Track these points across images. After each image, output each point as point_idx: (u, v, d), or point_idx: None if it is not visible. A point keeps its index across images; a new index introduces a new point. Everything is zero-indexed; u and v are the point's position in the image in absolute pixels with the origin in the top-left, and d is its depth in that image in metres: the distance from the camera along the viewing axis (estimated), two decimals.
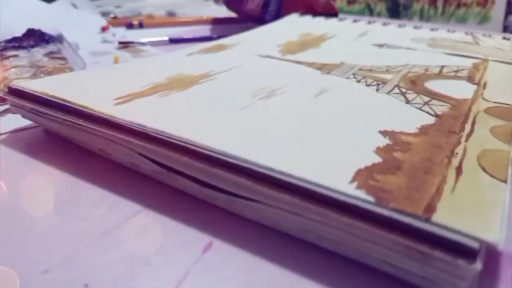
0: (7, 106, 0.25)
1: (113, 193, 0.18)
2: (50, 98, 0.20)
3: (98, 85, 0.23)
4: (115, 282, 0.13)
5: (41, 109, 0.21)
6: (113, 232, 0.16)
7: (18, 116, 0.23)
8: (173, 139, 0.17)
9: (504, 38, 0.39)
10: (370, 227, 0.13)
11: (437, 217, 0.12)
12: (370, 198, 0.13)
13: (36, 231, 0.16)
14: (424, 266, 0.12)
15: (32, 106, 0.21)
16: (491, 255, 0.15)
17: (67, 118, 0.20)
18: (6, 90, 0.22)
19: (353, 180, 0.14)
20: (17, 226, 0.16)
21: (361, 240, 0.13)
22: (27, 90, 0.21)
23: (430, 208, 0.13)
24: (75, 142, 0.21)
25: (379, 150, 0.16)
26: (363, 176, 0.14)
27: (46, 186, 0.18)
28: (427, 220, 0.12)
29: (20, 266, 0.14)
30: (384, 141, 0.17)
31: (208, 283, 0.14)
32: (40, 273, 0.14)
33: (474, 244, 0.12)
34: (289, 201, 0.14)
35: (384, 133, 0.18)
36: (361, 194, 0.13)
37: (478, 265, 0.11)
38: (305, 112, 0.20)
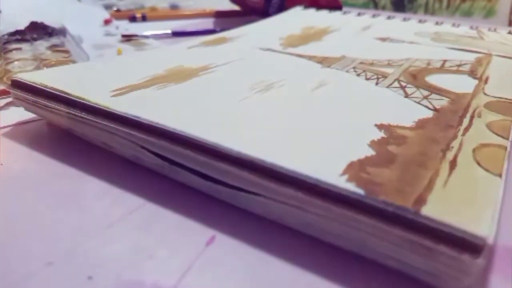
0: (10, 99, 0.25)
1: (116, 186, 0.18)
2: (51, 91, 0.20)
3: (97, 77, 0.23)
4: (119, 274, 0.14)
5: (43, 102, 0.21)
6: (116, 225, 0.16)
7: (21, 109, 0.23)
8: (169, 131, 0.17)
9: (509, 32, 0.39)
10: (374, 222, 0.13)
11: (426, 209, 0.12)
12: (359, 191, 0.13)
13: (40, 224, 0.16)
14: (428, 260, 0.12)
15: (35, 99, 0.21)
16: (494, 250, 0.15)
17: (69, 111, 0.20)
18: (9, 83, 0.22)
19: (344, 172, 0.14)
20: (21, 218, 0.16)
21: (364, 234, 0.13)
22: (30, 83, 0.21)
23: (420, 201, 0.13)
24: (78, 135, 0.21)
25: (373, 143, 0.16)
26: (355, 169, 0.14)
27: (49, 179, 0.19)
28: (417, 213, 0.12)
29: (23, 258, 0.14)
30: (379, 135, 0.17)
31: (211, 276, 0.14)
32: (44, 265, 0.14)
33: (479, 240, 0.12)
34: (285, 193, 0.14)
35: (380, 126, 0.18)
36: (351, 186, 0.13)
37: (482, 260, 0.11)
38: (301, 106, 0.20)
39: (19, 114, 0.23)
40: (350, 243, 0.14)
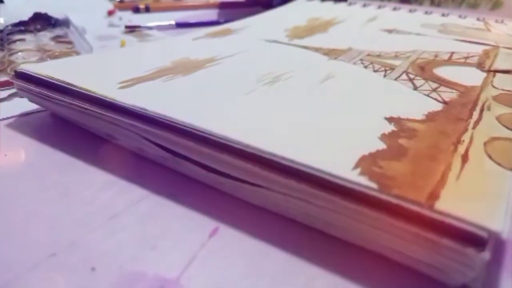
0: (14, 90, 0.25)
1: (120, 178, 0.18)
2: (56, 82, 0.20)
3: (102, 68, 0.23)
4: (122, 265, 0.14)
5: (47, 93, 0.21)
6: (120, 216, 0.16)
7: (25, 100, 0.23)
8: (176, 123, 0.17)
9: None
10: (377, 214, 0.13)
11: (440, 204, 0.12)
12: (372, 185, 0.13)
13: (43, 215, 0.16)
14: (432, 254, 0.12)
15: (39, 90, 0.21)
16: (498, 244, 0.14)
17: (74, 102, 0.20)
18: (13, 74, 0.22)
19: (356, 166, 0.14)
20: (25, 209, 0.16)
21: (368, 227, 0.13)
22: (34, 74, 0.21)
23: (434, 196, 0.13)
24: (82, 126, 0.21)
25: (384, 137, 0.16)
26: (367, 163, 0.14)
27: (53, 170, 0.19)
28: (430, 208, 0.12)
29: (27, 249, 0.14)
30: (390, 128, 0.17)
31: (214, 267, 0.14)
32: (47, 256, 0.14)
33: (483, 233, 0.11)
34: (293, 186, 0.14)
35: (390, 119, 0.18)
36: (363, 180, 0.13)
37: (487, 254, 0.11)
38: (311, 98, 0.20)
39: (23, 105, 0.23)
40: (355, 236, 0.14)
